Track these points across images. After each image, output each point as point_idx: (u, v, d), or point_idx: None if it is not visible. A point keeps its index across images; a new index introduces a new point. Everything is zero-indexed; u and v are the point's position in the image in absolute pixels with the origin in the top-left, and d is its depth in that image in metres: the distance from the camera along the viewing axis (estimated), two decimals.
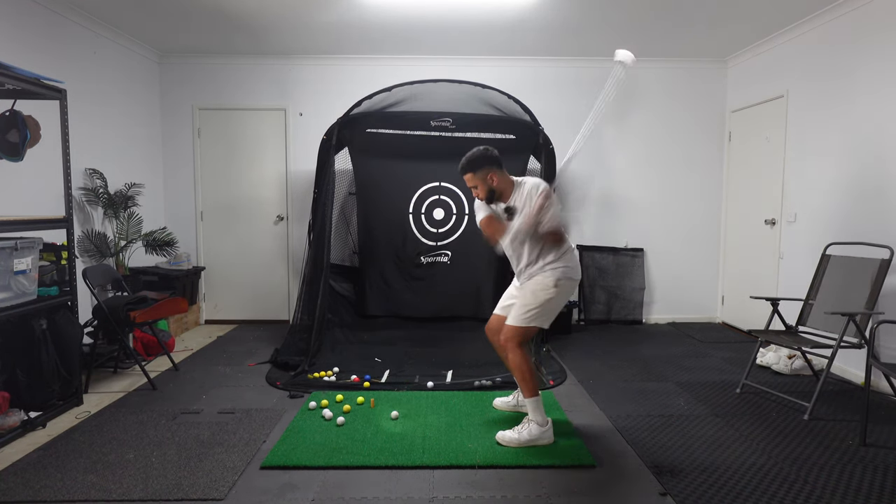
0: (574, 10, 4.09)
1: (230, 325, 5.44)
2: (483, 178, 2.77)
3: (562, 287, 2.76)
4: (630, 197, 5.52)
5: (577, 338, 4.95)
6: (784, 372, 3.92)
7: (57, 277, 3.27)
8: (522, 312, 2.79)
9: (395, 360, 4.06)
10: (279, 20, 4.33)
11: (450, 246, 4.89)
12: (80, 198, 4.24)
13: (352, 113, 4.52)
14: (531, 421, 2.78)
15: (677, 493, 2.32)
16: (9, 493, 2.32)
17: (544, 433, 2.76)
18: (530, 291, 2.79)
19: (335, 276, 4.86)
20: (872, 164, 3.71)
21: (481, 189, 2.80)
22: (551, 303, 2.78)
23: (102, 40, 4.47)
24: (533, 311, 2.77)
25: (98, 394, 3.49)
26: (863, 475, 2.48)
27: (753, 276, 5.01)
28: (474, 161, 2.77)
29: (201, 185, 5.46)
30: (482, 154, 2.78)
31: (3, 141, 3.07)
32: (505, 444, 2.76)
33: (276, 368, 3.97)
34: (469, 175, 2.80)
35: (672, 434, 2.92)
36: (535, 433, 2.74)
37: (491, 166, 2.77)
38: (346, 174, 4.95)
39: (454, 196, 4.88)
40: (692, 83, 5.46)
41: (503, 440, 2.77)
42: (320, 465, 2.56)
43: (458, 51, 5.14)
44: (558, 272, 2.75)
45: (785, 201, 4.57)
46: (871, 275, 3.35)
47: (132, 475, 2.45)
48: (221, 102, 5.38)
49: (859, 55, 3.81)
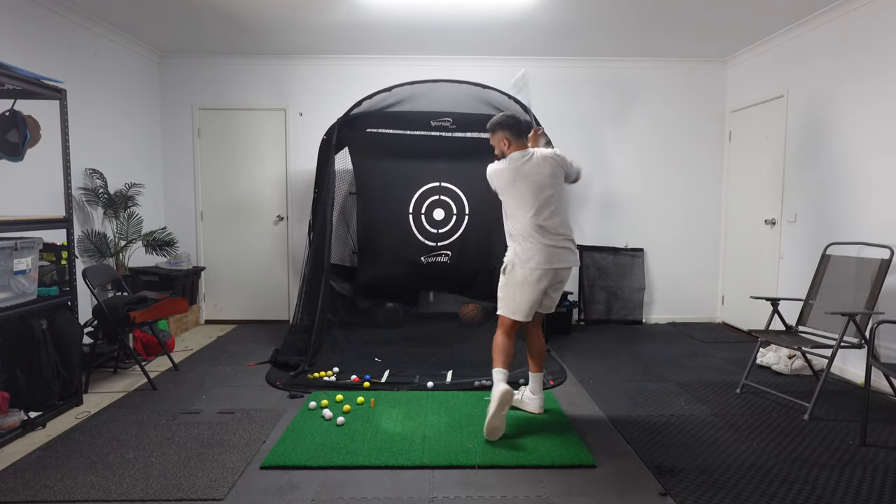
0: (574, 10, 4.10)
1: (230, 325, 5.44)
2: (498, 141, 3.06)
3: (513, 273, 2.92)
4: (630, 197, 5.52)
5: (577, 338, 4.95)
6: (784, 372, 3.92)
7: (57, 277, 3.27)
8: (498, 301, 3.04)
9: (395, 360, 4.06)
10: (279, 20, 4.33)
11: (450, 246, 4.89)
12: (80, 198, 4.24)
13: (352, 113, 4.52)
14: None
15: (677, 493, 2.32)
16: (9, 493, 2.32)
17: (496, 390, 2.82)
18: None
19: (335, 276, 4.86)
20: (872, 163, 3.71)
21: (497, 150, 3.10)
22: (506, 290, 2.96)
23: (102, 40, 4.47)
24: (500, 298, 3.00)
25: (98, 394, 3.49)
26: (863, 475, 2.48)
27: (753, 276, 5.01)
28: (494, 124, 3.08)
29: (201, 185, 5.46)
30: (501, 119, 3.06)
31: (3, 141, 3.07)
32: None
33: (276, 368, 3.97)
34: (491, 135, 3.11)
35: (672, 434, 2.92)
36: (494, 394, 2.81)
37: (505, 131, 3.02)
38: (346, 174, 4.94)
39: (454, 196, 4.87)
40: (692, 83, 5.46)
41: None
42: (320, 465, 2.56)
43: (459, 51, 5.14)
44: (507, 256, 2.98)
45: (785, 201, 4.57)
46: (871, 275, 3.35)
47: (132, 475, 2.45)
48: (221, 102, 5.38)
49: (860, 54, 3.81)
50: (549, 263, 2.88)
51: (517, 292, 2.92)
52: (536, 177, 2.93)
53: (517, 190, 2.92)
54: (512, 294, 2.93)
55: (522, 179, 2.91)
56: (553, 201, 2.93)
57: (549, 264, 2.88)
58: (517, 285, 2.91)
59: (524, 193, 2.90)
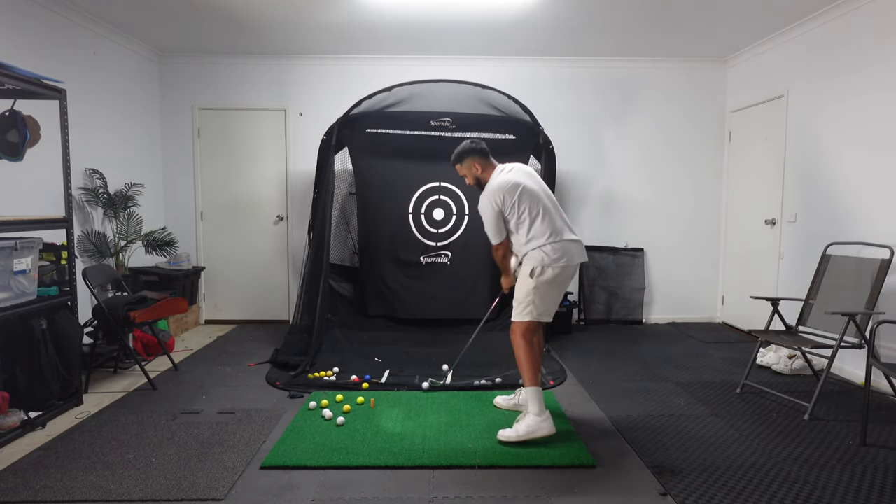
0: (574, 10, 4.09)
1: (230, 325, 5.44)
2: (469, 168, 3.03)
3: (544, 275, 2.80)
4: (630, 197, 5.52)
5: (577, 338, 4.95)
6: (784, 372, 3.92)
7: (57, 277, 3.27)
8: (517, 307, 2.88)
9: (395, 360, 4.06)
10: (279, 20, 4.33)
11: (450, 246, 4.89)
12: (80, 198, 4.24)
13: (352, 113, 4.52)
14: (529, 413, 2.79)
15: (677, 493, 2.32)
16: (9, 493, 2.32)
17: (542, 423, 2.76)
18: (518, 284, 2.90)
19: (335, 276, 4.86)
20: (872, 163, 3.71)
21: (469, 178, 3.06)
22: (537, 293, 2.82)
23: (102, 40, 4.47)
24: (522, 303, 2.85)
25: (98, 394, 3.49)
26: (863, 475, 2.48)
27: (753, 276, 5.01)
28: (460, 153, 3.05)
29: (201, 185, 5.46)
30: (466, 147, 3.03)
31: (3, 141, 3.07)
32: (505, 440, 2.76)
33: (276, 368, 3.97)
34: (458, 166, 3.08)
35: (672, 434, 2.92)
36: (532, 425, 2.75)
37: (474, 157, 3.00)
38: (346, 174, 4.95)
39: (454, 196, 4.87)
40: (692, 83, 5.46)
41: (503, 437, 2.78)
42: (320, 465, 2.56)
43: (458, 51, 5.14)
44: (536, 260, 2.82)
45: (785, 201, 4.57)
46: (871, 275, 3.35)
47: (132, 475, 2.45)
48: (221, 102, 5.38)
49: (859, 55, 3.81)
50: (577, 259, 2.88)
51: (548, 293, 2.85)
52: (536, 178, 2.96)
53: (535, 193, 2.86)
54: (543, 296, 2.84)
55: (534, 183, 2.91)
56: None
57: (579, 259, 2.89)
58: (548, 286, 2.83)
59: (541, 195, 2.88)
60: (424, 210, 4.87)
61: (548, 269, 2.80)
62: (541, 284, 2.82)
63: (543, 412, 2.78)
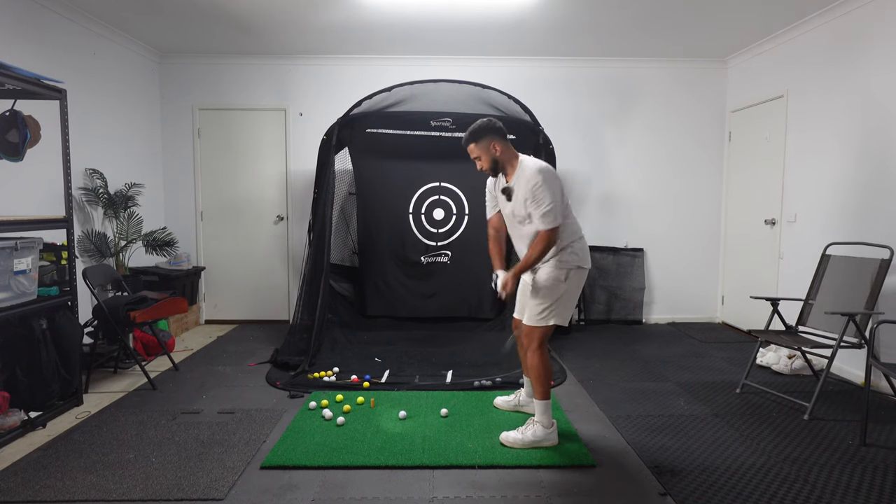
0: (574, 10, 4.09)
1: (230, 325, 5.44)
2: (486, 148, 2.70)
3: (573, 278, 2.72)
4: (630, 197, 5.52)
5: (577, 338, 4.95)
6: (784, 372, 3.92)
7: (57, 277, 3.27)
8: (539, 311, 2.72)
9: (395, 360, 4.06)
10: (280, 20, 4.33)
11: (450, 246, 4.89)
12: (80, 198, 4.24)
13: (352, 113, 4.52)
14: (537, 422, 2.76)
15: (677, 493, 2.32)
16: (9, 493, 2.32)
17: (549, 435, 2.75)
18: (543, 287, 2.70)
19: (335, 276, 4.86)
20: (872, 163, 3.71)
21: (485, 160, 2.73)
22: (566, 297, 2.73)
23: (102, 40, 4.47)
24: (549, 308, 2.70)
25: (98, 394, 3.49)
26: (863, 475, 2.48)
27: (753, 276, 5.01)
28: (477, 131, 2.70)
29: (201, 185, 5.46)
30: (484, 125, 2.71)
31: (3, 141, 3.07)
32: (509, 444, 2.75)
33: (276, 368, 3.97)
34: (472, 146, 2.73)
35: (672, 434, 2.92)
36: (539, 434, 2.74)
37: (494, 136, 2.70)
38: (346, 174, 4.95)
39: (454, 196, 4.88)
40: (692, 83, 5.46)
41: (507, 440, 2.76)
42: (320, 465, 2.56)
43: (458, 51, 5.14)
44: (567, 263, 2.69)
45: (785, 201, 4.57)
46: (871, 275, 3.35)
47: (132, 475, 2.45)
48: (221, 102, 5.38)
49: (859, 55, 3.81)
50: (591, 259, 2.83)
51: (574, 296, 2.80)
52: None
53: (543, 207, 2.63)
54: (571, 300, 2.78)
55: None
56: None
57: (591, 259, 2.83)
58: (576, 288, 2.77)
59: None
60: (425, 210, 4.87)
61: (573, 273, 2.71)
62: (570, 288, 2.73)
63: (552, 423, 2.77)
